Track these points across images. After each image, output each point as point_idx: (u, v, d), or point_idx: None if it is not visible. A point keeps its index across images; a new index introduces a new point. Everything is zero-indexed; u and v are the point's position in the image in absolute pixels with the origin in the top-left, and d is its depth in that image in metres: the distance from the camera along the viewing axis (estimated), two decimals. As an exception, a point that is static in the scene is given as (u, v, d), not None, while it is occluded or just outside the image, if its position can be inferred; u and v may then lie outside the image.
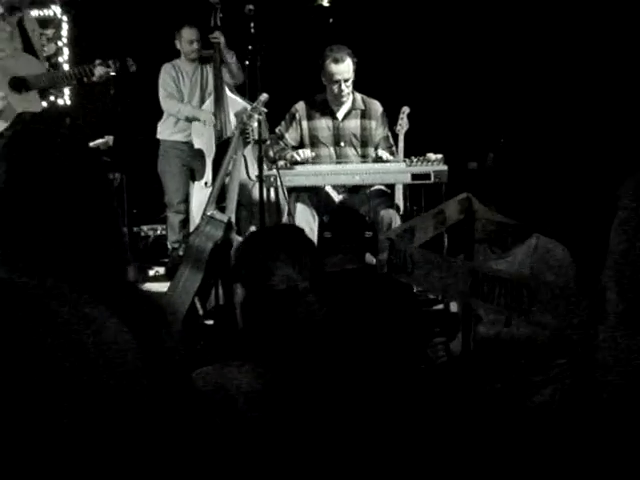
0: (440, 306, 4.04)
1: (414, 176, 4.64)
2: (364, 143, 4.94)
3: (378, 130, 4.95)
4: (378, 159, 4.78)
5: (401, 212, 4.85)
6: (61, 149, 1.30)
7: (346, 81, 4.76)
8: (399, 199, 4.99)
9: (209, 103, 5.32)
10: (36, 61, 4.41)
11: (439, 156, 4.64)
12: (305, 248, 1.77)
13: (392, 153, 4.93)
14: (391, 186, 4.96)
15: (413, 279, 1.77)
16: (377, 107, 4.96)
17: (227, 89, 5.29)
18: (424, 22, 6.05)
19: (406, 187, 4.99)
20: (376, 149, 4.91)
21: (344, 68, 4.72)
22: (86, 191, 1.28)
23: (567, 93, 5.55)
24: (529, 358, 2.72)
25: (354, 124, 4.93)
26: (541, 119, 5.59)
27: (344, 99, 4.85)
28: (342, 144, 4.92)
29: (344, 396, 1.65)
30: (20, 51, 4.38)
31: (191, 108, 5.42)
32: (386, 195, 4.89)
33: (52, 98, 5.60)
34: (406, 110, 5.08)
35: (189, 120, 5.37)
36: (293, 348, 1.64)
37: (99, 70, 4.41)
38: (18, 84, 4.25)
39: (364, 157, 4.92)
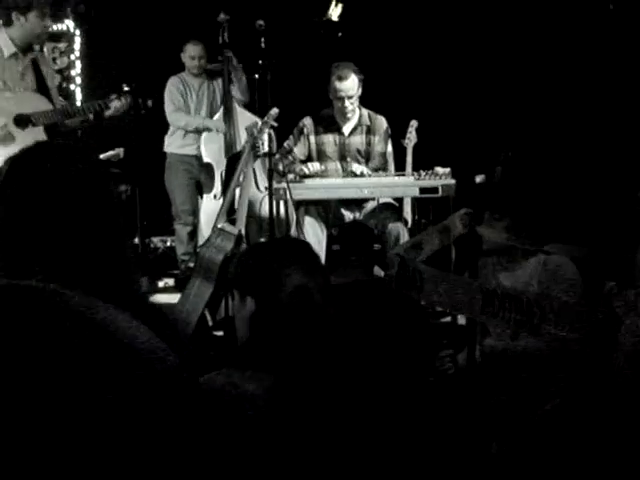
0: (448, 318, 4.06)
1: (422, 190, 4.67)
2: (368, 159, 4.99)
3: (378, 146, 4.99)
4: (352, 173, 4.81)
5: (409, 225, 4.88)
6: (68, 163, 1.34)
7: (350, 98, 4.80)
8: (407, 212, 5.03)
9: (219, 116, 5.37)
10: (45, 100, 4.42)
11: (447, 170, 4.67)
12: (315, 260, 1.79)
13: (382, 169, 4.95)
14: (399, 199, 4.99)
15: (422, 295, 1.81)
16: (382, 123, 5.01)
17: (236, 104, 5.35)
18: (432, 37, 6.09)
19: (414, 200, 5.03)
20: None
21: (348, 85, 4.77)
22: (89, 204, 1.32)
23: (574, 106, 5.57)
24: (536, 371, 2.75)
25: (359, 140, 4.97)
26: (548, 132, 5.61)
27: (348, 115, 4.90)
28: (348, 159, 4.96)
29: (351, 405, 1.67)
30: (29, 90, 4.41)
31: (200, 118, 5.44)
32: (394, 208, 4.93)
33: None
34: (414, 124, 5.12)
35: (199, 131, 5.40)
36: (304, 357, 1.65)
37: (115, 104, 4.44)
38: (22, 121, 4.29)
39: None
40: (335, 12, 5.90)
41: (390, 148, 5.07)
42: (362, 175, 4.78)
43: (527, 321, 1.62)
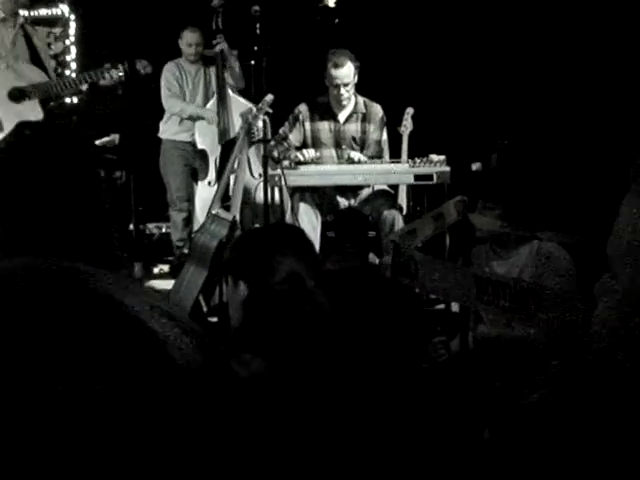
0: (441, 306, 4.07)
1: (417, 177, 4.67)
2: (363, 146, 4.98)
3: (374, 133, 4.98)
4: (349, 159, 4.80)
5: (404, 212, 4.88)
6: (57, 145, 1.34)
7: (346, 85, 4.79)
8: (402, 200, 5.03)
9: (213, 103, 5.36)
10: (38, 70, 4.38)
11: (442, 157, 4.67)
12: (307, 247, 1.80)
13: (377, 157, 4.95)
14: (394, 187, 4.99)
15: (417, 282, 1.81)
16: (377, 111, 5.00)
17: (230, 90, 5.33)
18: (429, 23, 6.07)
19: (409, 188, 5.03)
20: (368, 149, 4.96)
21: (344, 72, 4.75)
22: (76, 185, 1.32)
23: (570, 94, 5.57)
24: (529, 358, 2.76)
25: (355, 127, 4.96)
26: (544, 120, 5.61)
27: (344, 103, 4.89)
28: (343, 147, 4.95)
29: (345, 392, 1.68)
30: (22, 60, 4.37)
31: (194, 107, 5.43)
32: (389, 195, 4.93)
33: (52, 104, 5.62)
34: (410, 111, 5.11)
35: (192, 119, 5.39)
36: (297, 343, 1.66)
37: (110, 73, 4.41)
38: (18, 94, 4.25)
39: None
40: (331, -2, 5.89)
41: (385, 136, 5.06)
42: (359, 162, 4.78)
43: (521, 309, 1.63)
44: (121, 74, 4.45)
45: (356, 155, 4.81)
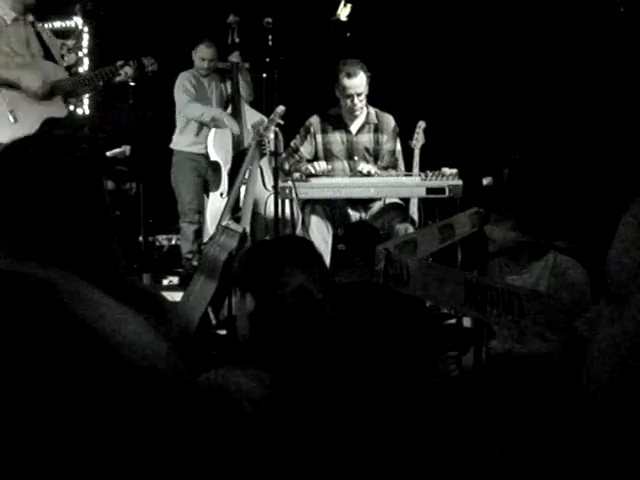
0: (452, 320, 4.03)
1: (429, 190, 4.64)
2: (377, 157, 4.95)
3: (387, 144, 4.96)
4: (359, 173, 4.76)
5: (416, 225, 4.85)
6: (62, 152, 1.34)
7: (359, 95, 4.77)
8: (413, 213, 5.00)
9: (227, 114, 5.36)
10: (58, 67, 4.44)
11: (454, 171, 4.64)
12: (317, 260, 1.77)
13: (392, 167, 4.93)
14: (406, 200, 4.97)
15: (409, 289, 1.78)
16: (389, 121, 4.98)
17: (244, 103, 5.33)
18: (440, 38, 6.06)
19: (421, 201, 5.00)
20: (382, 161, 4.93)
21: (357, 82, 4.74)
22: (80, 192, 1.32)
23: (582, 109, 5.54)
24: (540, 374, 2.72)
25: (367, 138, 4.94)
26: (556, 135, 5.58)
27: (357, 113, 4.87)
28: (355, 158, 4.93)
29: (352, 405, 1.65)
30: (39, 58, 4.41)
31: (217, 110, 5.41)
32: (401, 208, 4.90)
33: (72, 107, 5.65)
34: (422, 125, 5.09)
35: (215, 122, 5.33)
36: (304, 357, 1.64)
37: (123, 70, 4.45)
38: (47, 92, 4.29)
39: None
40: (344, 12, 5.87)
41: (399, 146, 5.04)
42: (369, 174, 4.75)
43: (506, 314, 1.58)
44: (133, 70, 4.51)
45: (366, 167, 4.78)
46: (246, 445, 1.48)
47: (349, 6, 5.83)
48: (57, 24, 6.55)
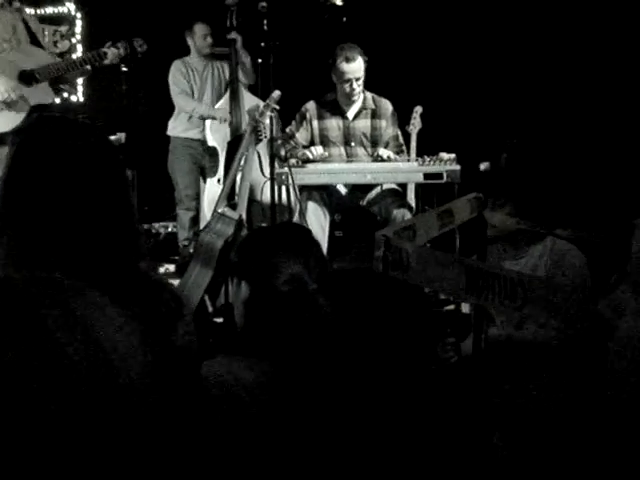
0: (451, 307, 4.02)
1: (426, 175, 4.60)
2: (374, 143, 4.91)
3: (388, 130, 4.92)
4: (379, 158, 4.74)
5: (413, 211, 4.82)
6: (77, 139, 1.30)
7: (357, 80, 4.72)
8: (411, 198, 4.98)
9: (224, 100, 5.31)
10: (42, 52, 4.39)
11: (452, 156, 4.60)
12: (313, 248, 1.76)
13: (400, 152, 4.90)
14: (403, 185, 4.94)
15: (409, 276, 1.75)
16: (387, 106, 4.93)
17: (242, 87, 5.29)
18: (437, 22, 6.02)
19: (418, 186, 4.97)
20: (386, 148, 4.89)
21: (356, 67, 4.69)
22: (100, 182, 1.27)
23: (580, 92, 5.51)
24: (540, 360, 2.71)
25: (364, 124, 4.90)
26: (553, 119, 5.55)
27: (355, 98, 4.82)
28: (352, 144, 4.89)
29: (350, 394, 1.64)
30: (26, 43, 4.37)
31: (206, 107, 5.39)
32: (399, 194, 4.87)
33: (65, 95, 5.60)
34: (419, 109, 5.06)
35: (203, 119, 5.35)
36: (299, 345, 1.62)
37: (111, 52, 4.40)
38: (27, 77, 4.24)
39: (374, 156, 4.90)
40: (339, -4, 5.83)
41: (398, 130, 4.99)
42: (389, 160, 4.70)
43: (509, 301, 1.55)
44: (122, 51, 4.46)
45: (385, 153, 4.73)
46: (244, 434, 1.46)
47: (345, -10, 5.79)
48: (50, 10, 6.49)
